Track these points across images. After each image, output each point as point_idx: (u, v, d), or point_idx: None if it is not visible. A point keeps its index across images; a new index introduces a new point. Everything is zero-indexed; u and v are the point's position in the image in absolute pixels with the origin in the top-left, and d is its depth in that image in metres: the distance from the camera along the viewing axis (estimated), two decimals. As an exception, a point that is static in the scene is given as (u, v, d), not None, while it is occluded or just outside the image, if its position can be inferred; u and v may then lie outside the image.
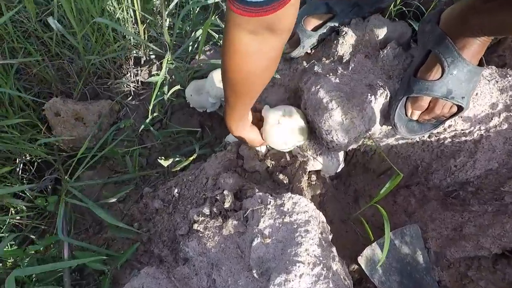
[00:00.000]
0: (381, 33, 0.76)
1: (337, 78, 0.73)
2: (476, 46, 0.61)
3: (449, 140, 0.77)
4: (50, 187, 1.16)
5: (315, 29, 0.85)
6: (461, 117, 0.73)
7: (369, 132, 0.71)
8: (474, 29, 0.60)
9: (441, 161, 0.81)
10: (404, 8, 1.10)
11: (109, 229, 0.84)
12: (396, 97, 0.69)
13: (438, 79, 0.63)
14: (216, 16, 1.31)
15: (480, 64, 0.64)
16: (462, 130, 0.74)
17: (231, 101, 0.64)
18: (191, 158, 0.93)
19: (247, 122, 0.77)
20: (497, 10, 0.54)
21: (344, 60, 0.79)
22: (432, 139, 0.79)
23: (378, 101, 0.68)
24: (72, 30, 1.17)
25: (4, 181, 1.06)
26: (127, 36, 1.29)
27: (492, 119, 0.72)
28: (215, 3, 1.32)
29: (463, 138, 0.75)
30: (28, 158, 1.17)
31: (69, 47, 1.35)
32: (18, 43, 1.21)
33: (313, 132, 0.82)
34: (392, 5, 1.08)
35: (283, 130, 0.77)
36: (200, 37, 1.10)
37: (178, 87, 1.19)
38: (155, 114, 1.23)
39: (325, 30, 0.84)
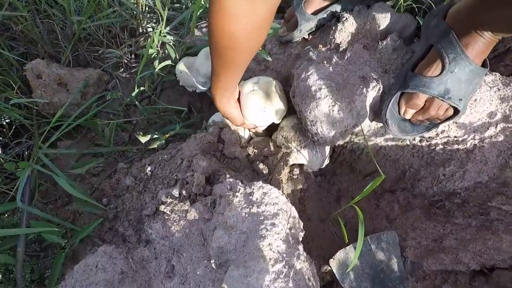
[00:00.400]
0: (383, 22, 0.70)
1: (331, 67, 0.68)
2: (481, 45, 0.56)
3: (441, 146, 0.72)
4: (26, 152, 1.11)
5: (315, 13, 0.79)
6: (456, 123, 0.68)
7: (357, 128, 0.66)
8: (483, 25, 0.55)
9: (429, 168, 0.77)
10: (414, 5, 1.04)
11: (74, 202, 0.80)
12: (390, 92, 0.64)
13: (437, 76, 0.58)
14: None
15: (484, 65, 0.59)
16: (455, 137, 0.70)
17: (217, 69, 0.61)
18: (167, 136, 0.88)
19: (233, 97, 0.74)
20: (510, 4, 0.49)
21: (341, 49, 0.74)
22: (423, 144, 0.74)
23: (369, 95, 0.63)
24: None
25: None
26: (122, 4, 1.23)
27: (488, 128, 0.67)
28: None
29: (455, 146, 0.71)
30: (7, 120, 1.11)
31: (62, 9, 1.28)
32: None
33: (299, 123, 0.77)
34: (402, 0, 1.02)
35: (258, 96, 0.74)
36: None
37: (168, 62, 1.13)
38: (142, 89, 1.17)
39: (325, 15, 0.78)
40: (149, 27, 1.34)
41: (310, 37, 0.84)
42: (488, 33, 0.55)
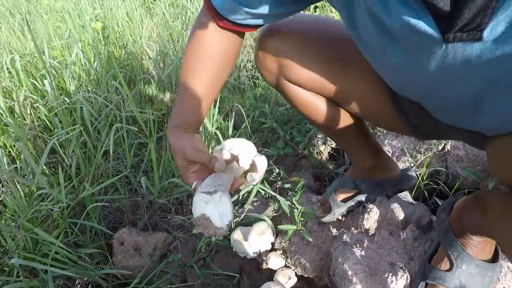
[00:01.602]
0: (401, 214, 0.87)
1: (363, 251, 0.82)
2: (476, 244, 0.62)
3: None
4: (91, 312, 1.25)
5: (344, 200, 1.01)
6: (493, 308, 0.72)
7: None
8: (472, 228, 0.62)
9: None
10: (432, 184, 1.22)
11: None
12: (415, 281, 0.73)
13: (449, 270, 0.65)
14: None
15: (495, 257, 0.66)
16: (498, 323, 0.72)
17: (180, 91, 0.67)
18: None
19: (189, 129, 0.66)
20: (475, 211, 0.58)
21: (370, 233, 0.90)
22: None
23: (399, 283, 0.73)
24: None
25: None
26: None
27: (529, 316, 0.69)
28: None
29: (503, 333, 0.71)
30: (85, 279, 1.32)
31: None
32: (112, 182, 1.56)
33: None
34: (420, 179, 1.22)
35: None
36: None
37: (225, 231, 1.36)
38: (199, 254, 1.37)
39: (353, 203, 0.99)
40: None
41: (343, 218, 1.02)
42: (475, 236, 0.62)
